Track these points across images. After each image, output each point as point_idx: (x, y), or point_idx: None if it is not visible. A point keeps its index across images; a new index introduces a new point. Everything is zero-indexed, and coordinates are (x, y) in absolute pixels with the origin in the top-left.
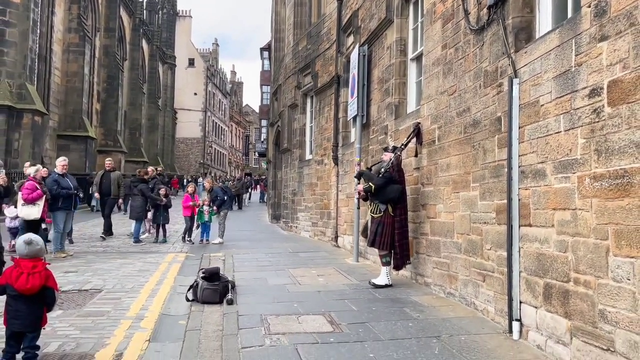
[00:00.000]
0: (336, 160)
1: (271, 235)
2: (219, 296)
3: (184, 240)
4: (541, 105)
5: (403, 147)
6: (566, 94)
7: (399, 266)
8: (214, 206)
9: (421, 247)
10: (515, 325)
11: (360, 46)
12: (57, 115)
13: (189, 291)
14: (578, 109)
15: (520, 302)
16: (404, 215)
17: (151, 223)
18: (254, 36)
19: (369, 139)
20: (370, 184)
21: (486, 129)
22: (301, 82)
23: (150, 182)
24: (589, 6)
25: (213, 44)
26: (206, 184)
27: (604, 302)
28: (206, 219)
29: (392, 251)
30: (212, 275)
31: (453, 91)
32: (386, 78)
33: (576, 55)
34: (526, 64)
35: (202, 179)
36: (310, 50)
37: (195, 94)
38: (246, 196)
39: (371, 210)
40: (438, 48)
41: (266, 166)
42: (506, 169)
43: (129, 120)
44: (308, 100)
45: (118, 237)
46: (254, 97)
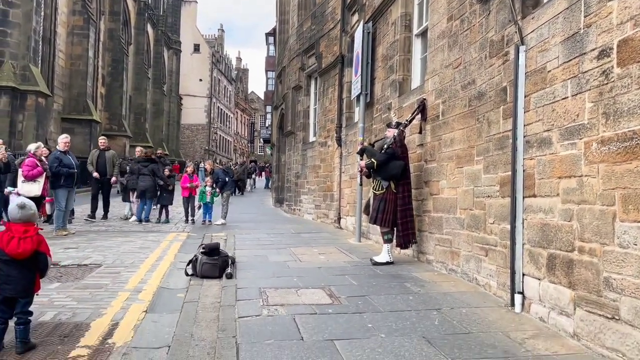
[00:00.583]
0: (339, 141)
1: (274, 217)
2: (219, 271)
3: (186, 221)
4: (548, 72)
5: (407, 123)
6: (574, 58)
7: (401, 245)
8: (217, 188)
9: (424, 225)
10: (518, 298)
11: (364, 23)
12: (62, 99)
13: (188, 266)
14: (586, 72)
15: (523, 275)
16: (406, 193)
17: (138, 202)
18: (259, 23)
19: (372, 118)
20: (373, 159)
21: (491, 101)
22: (305, 64)
23: (140, 162)
24: None
25: (218, 29)
26: (207, 165)
27: (609, 269)
28: (208, 200)
29: (395, 229)
30: (211, 251)
31: (458, 64)
32: (390, 55)
33: (585, 17)
34: (533, 30)
35: (202, 163)
36: (315, 30)
37: (201, 80)
38: (250, 182)
39: (373, 187)
40: (443, 20)
41: (270, 152)
42: (511, 140)
43: (134, 105)
44: (312, 82)
45: (113, 219)
46: (259, 85)
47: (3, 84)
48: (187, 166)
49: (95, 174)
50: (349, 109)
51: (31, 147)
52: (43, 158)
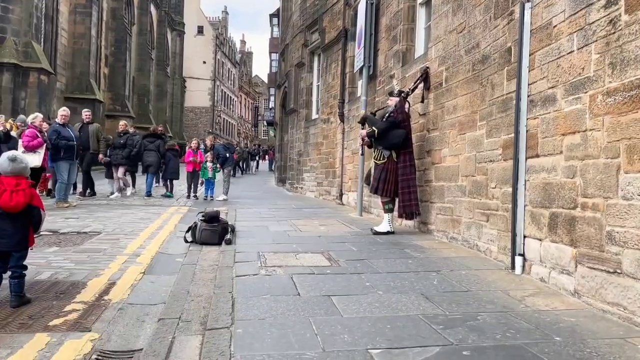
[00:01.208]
0: (342, 117)
1: (275, 195)
2: (218, 237)
3: (188, 197)
4: (554, 27)
5: (410, 92)
6: (580, 9)
7: (401, 215)
8: (217, 163)
9: (425, 195)
10: (518, 260)
11: None
12: (65, 78)
13: (187, 232)
14: (593, 22)
15: (525, 237)
16: (407, 162)
17: (120, 182)
18: (263, 9)
19: (375, 91)
20: (374, 128)
21: (495, 63)
22: (308, 40)
23: (122, 137)
24: None
25: (222, 12)
26: (207, 141)
27: (612, 223)
28: (210, 176)
29: (396, 199)
30: (211, 218)
31: (462, 28)
32: (394, 25)
33: None
34: None
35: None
36: (318, 5)
37: (204, 62)
38: (253, 164)
39: (375, 157)
40: None
41: (274, 134)
42: (514, 101)
43: (137, 86)
44: (315, 59)
45: (100, 197)
46: (263, 69)
47: (5, 60)
48: (191, 141)
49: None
50: (351, 83)
51: (30, 117)
52: (43, 129)
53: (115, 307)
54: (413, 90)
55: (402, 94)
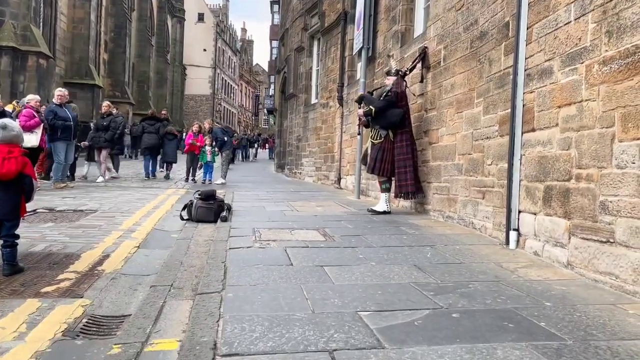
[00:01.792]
0: (341, 100)
1: (274, 180)
2: (214, 215)
3: (186, 180)
4: None
5: (408, 71)
6: None
7: (397, 194)
8: (216, 147)
9: (422, 175)
10: (513, 235)
11: None
12: (64, 62)
13: (183, 210)
14: None
15: (519, 212)
16: (404, 142)
17: (107, 166)
18: None
19: (374, 73)
20: (371, 107)
21: (493, 39)
22: (308, 24)
23: (105, 119)
24: None
25: None
26: (206, 124)
27: (606, 192)
28: (209, 159)
29: (392, 179)
30: (207, 196)
31: (461, 5)
32: (393, 5)
33: None
34: None
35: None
36: None
37: (205, 50)
38: (252, 151)
39: (372, 137)
40: None
41: (273, 121)
42: (512, 76)
43: (137, 73)
44: (315, 43)
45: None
46: (264, 58)
47: (4, 43)
48: (193, 124)
49: None
50: (351, 67)
51: (26, 98)
52: (40, 110)
53: (108, 277)
54: (411, 70)
55: (400, 73)
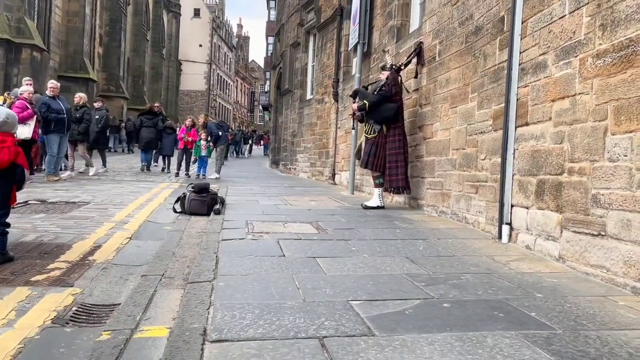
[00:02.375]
0: (336, 96)
1: (268, 175)
2: (207, 208)
3: (177, 175)
4: None
5: (403, 66)
6: None
7: (387, 189)
8: (211, 141)
9: (416, 170)
10: (505, 229)
11: None
12: (58, 56)
13: (176, 203)
14: None
15: (512, 206)
16: (397, 137)
17: (72, 160)
18: None
19: (369, 68)
20: (365, 101)
21: (488, 33)
22: (304, 19)
23: (78, 111)
24: None
25: None
26: (200, 119)
27: (598, 185)
28: (203, 154)
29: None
30: (201, 189)
31: (456, 0)
32: (389, 0)
33: None
34: None
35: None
36: None
37: (200, 45)
38: (246, 147)
39: (366, 131)
40: None
41: (269, 117)
42: (506, 71)
43: (132, 68)
44: (310, 38)
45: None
46: (260, 54)
47: None
48: (186, 119)
49: None
50: (346, 62)
51: (18, 90)
52: (33, 102)
53: (99, 266)
54: (406, 65)
55: (394, 68)
